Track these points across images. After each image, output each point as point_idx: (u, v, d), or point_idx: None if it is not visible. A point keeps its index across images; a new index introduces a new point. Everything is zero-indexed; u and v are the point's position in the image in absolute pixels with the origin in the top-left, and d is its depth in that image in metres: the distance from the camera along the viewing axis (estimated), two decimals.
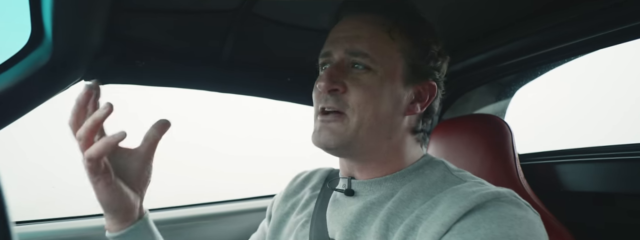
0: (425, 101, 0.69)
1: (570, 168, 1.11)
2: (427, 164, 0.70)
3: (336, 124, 0.65)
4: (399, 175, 0.68)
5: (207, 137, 2.39)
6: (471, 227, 0.53)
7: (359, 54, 0.65)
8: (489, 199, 0.56)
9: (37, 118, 0.90)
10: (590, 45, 1.02)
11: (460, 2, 0.98)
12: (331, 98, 0.65)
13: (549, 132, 1.59)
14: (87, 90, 0.64)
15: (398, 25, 0.66)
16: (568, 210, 0.97)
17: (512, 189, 0.61)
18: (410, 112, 0.68)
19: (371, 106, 0.64)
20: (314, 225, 0.72)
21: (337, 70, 0.65)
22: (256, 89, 1.27)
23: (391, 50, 0.66)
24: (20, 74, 0.84)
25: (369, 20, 0.67)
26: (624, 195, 1.03)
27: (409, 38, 0.67)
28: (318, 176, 0.84)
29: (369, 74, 0.65)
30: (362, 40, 0.65)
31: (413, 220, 0.59)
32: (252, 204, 1.55)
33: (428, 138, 1.50)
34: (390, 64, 0.65)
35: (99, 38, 0.85)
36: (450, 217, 0.55)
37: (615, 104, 1.46)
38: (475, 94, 1.53)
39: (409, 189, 0.65)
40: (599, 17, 0.92)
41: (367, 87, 0.64)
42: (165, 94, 1.15)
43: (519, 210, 0.56)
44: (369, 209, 0.66)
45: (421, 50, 0.67)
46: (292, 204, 0.82)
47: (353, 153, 0.69)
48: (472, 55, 1.21)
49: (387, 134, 0.67)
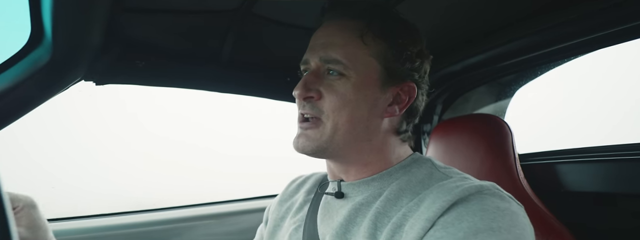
0: (404, 103, 0.69)
1: (571, 168, 1.11)
2: (415, 162, 0.71)
3: (312, 130, 0.67)
4: (386, 174, 0.69)
5: (207, 137, 2.38)
6: (454, 221, 0.54)
7: (332, 61, 0.66)
8: (472, 193, 0.57)
9: (37, 118, 0.90)
10: (590, 45, 1.02)
11: (459, 3, 0.98)
12: (307, 105, 0.68)
13: (550, 131, 1.59)
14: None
15: (371, 29, 0.67)
16: (568, 210, 0.97)
17: (512, 189, 0.62)
18: (389, 114, 0.69)
19: (345, 112, 0.66)
20: (306, 230, 0.73)
21: (312, 78, 0.68)
22: (256, 88, 1.27)
23: (364, 55, 0.67)
24: (20, 74, 0.84)
25: (343, 26, 0.68)
26: (624, 195, 1.03)
27: (383, 41, 0.67)
28: (313, 180, 0.86)
29: (342, 81, 0.66)
30: (336, 47, 0.67)
31: (400, 218, 0.60)
32: (251, 204, 1.55)
33: (428, 138, 1.50)
34: (364, 69, 0.66)
35: (99, 38, 0.84)
36: (434, 212, 0.56)
37: (615, 103, 1.46)
38: (475, 94, 1.53)
39: (396, 187, 0.66)
40: (599, 17, 0.92)
41: (341, 93, 0.66)
42: (168, 95, 1.15)
43: (502, 202, 0.57)
44: (358, 210, 0.67)
45: (397, 52, 0.68)
46: (287, 207, 0.83)
47: (333, 156, 0.70)
48: (472, 55, 1.21)
49: (366, 136, 0.68)
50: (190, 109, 2.21)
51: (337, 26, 0.69)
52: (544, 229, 0.91)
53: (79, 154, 1.88)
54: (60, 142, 1.88)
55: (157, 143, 2.16)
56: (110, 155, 2.01)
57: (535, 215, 0.94)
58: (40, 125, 1.68)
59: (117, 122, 2.10)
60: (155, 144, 2.16)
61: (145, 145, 2.13)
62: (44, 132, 1.80)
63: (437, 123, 1.53)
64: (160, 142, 2.18)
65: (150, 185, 1.97)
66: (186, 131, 2.32)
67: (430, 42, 1.19)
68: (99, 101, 1.91)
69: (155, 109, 2.17)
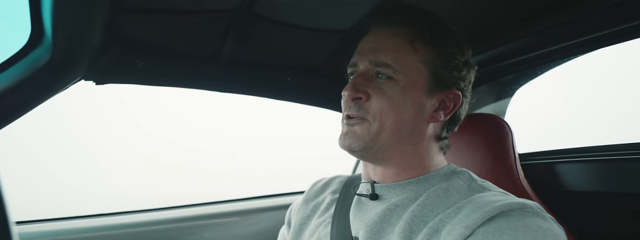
0: (449, 109, 0.71)
1: (571, 168, 1.11)
2: (453, 172, 0.71)
3: (360, 127, 0.68)
4: (423, 179, 0.70)
5: (207, 138, 2.39)
6: (495, 232, 0.54)
7: (381, 65, 0.68)
8: (514, 208, 0.57)
9: (37, 118, 0.90)
10: (590, 44, 1.02)
11: (459, 3, 0.98)
12: (354, 106, 0.69)
13: (550, 131, 1.59)
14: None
15: (421, 36, 0.69)
16: (568, 210, 0.97)
17: (512, 189, 0.62)
18: (434, 119, 0.70)
19: (392, 114, 0.67)
20: (335, 225, 0.74)
21: (361, 80, 0.69)
22: (256, 88, 1.27)
23: (413, 60, 0.68)
24: (20, 74, 0.84)
25: (393, 32, 0.70)
26: (624, 195, 1.03)
27: (432, 48, 0.69)
28: (337, 182, 0.87)
29: (391, 84, 0.68)
30: (386, 51, 0.69)
31: (437, 223, 0.60)
32: (268, 202, 1.55)
33: None
34: (413, 74, 0.68)
35: (99, 38, 0.84)
36: (474, 220, 0.56)
37: (615, 103, 1.46)
38: (475, 94, 1.52)
39: (434, 194, 0.66)
40: (598, 16, 0.92)
41: (389, 95, 0.67)
42: (169, 95, 1.15)
43: (544, 223, 0.56)
44: (393, 211, 0.67)
45: (445, 60, 0.69)
46: (313, 207, 0.84)
47: (377, 156, 0.71)
48: (472, 55, 1.21)
49: (412, 140, 0.70)
50: (191, 109, 2.21)
51: (387, 32, 0.71)
52: None
53: (80, 155, 1.88)
54: (61, 142, 1.88)
55: (157, 144, 2.16)
56: (111, 157, 2.01)
57: None
58: (41, 126, 1.68)
59: (118, 123, 2.10)
60: (155, 145, 2.16)
61: (145, 146, 2.13)
62: (44, 132, 1.80)
63: None
64: (160, 144, 2.18)
65: (150, 187, 1.97)
66: (186, 132, 2.32)
67: None
68: (99, 102, 1.92)
69: (156, 110, 2.17)
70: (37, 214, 1.26)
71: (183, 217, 1.38)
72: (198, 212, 1.42)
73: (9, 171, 0.84)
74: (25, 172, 1.72)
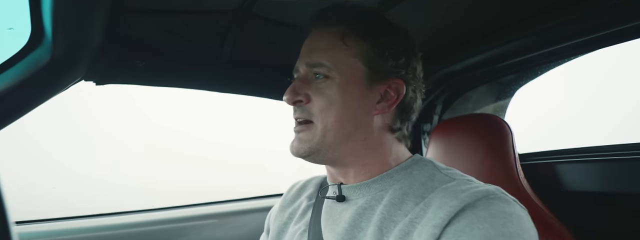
0: (393, 99, 0.70)
1: (571, 168, 1.11)
2: (416, 163, 0.71)
3: (304, 133, 0.70)
4: (387, 175, 0.69)
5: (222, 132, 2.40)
6: (466, 229, 0.55)
7: (316, 65, 0.69)
8: (479, 198, 0.58)
9: (37, 118, 0.90)
10: (589, 45, 1.02)
11: (459, 3, 0.98)
12: (298, 109, 0.71)
13: (550, 131, 1.59)
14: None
15: (351, 31, 0.69)
16: (568, 210, 0.97)
17: (512, 189, 0.62)
18: (379, 111, 0.70)
19: (333, 112, 0.68)
20: (311, 234, 0.73)
21: (300, 83, 0.71)
22: (256, 88, 1.27)
23: (346, 56, 0.69)
24: (20, 74, 0.84)
25: (325, 32, 0.71)
26: (624, 195, 1.03)
27: (364, 42, 0.69)
28: (313, 184, 0.86)
29: (328, 82, 0.68)
30: (319, 51, 0.70)
31: (407, 225, 0.60)
32: (256, 203, 1.55)
33: (428, 138, 1.50)
34: (348, 70, 0.68)
35: (99, 38, 0.84)
36: (442, 218, 0.56)
37: (615, 103, 1.46)
38: (475, 94, 1.53)
39: (399, 190, 0.66)
40: (598, 16, 0.92)
41: (328, 94, 0.68)
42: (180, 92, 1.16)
43: (508, 207, 0.58)
44: (361, 215, 0.67)
45: (379, 50, 0.69)
46: (290, 213, 0.83)
47: (328, 158, 0.71)
48: (472, 55, 1.21)
49: (358, 135, 0.69)
50: (205, 106, 2.22)
51: (320, 32, 0.72)
52: (544, 229, 0.91)
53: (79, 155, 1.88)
54: (61, 142, 1.89)
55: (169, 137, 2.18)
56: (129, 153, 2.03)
57: (535, 215, 0.93)
58: (40, 125, 1.69)
59: (133, 121, 2.12)
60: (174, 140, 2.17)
61: (157, 138, 2.14)
62: (44, 131, 1.80)
63: (437, 123, 1.53)
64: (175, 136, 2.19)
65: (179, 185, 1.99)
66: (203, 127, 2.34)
67: (431, 42, 1.20)
68: (112, 100, 1.93)
69: (166, 105, 2.18)
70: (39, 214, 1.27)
71: (171, 218, 1.38)
72: (186, 214, 1.42)
73: (10, 171, 0.84)
74: (24, 172, 1.72)
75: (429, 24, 1.09)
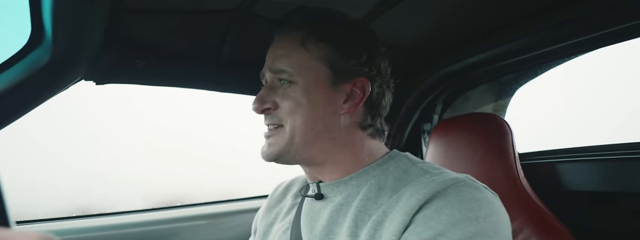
0: (359, 98, 0.71)
1: (571, 167, 1.11)
2: (391, 159, 0.72)
3: (273, 138, 0.71)
4: (363, 172, 0.70)
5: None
6: (433, 215, 0.56)
7: (279, 71, 0.71)
8: (448, 185, 0.59)
9: (37, 118, 0.90)
10: (589, 44, 1.02)
11: (459, 3, 0.98)
12: (267, 116, 0.72)
13: (550, 131, 1.59)
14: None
15: (311, 34, 0.70)
16: (568, 210, 0.97)
17: (512, 189, 0.62)
18: (346, 110, 0.71)
19: (299, 114, 0.69)
20: (293, 233, 0.74)
21: (267, 90, 0.72)
22: (256, 88, 1.26)
23: (307, 60, 0.70)
24: (20, 74, 0.84)
25: (286, 38, 0.73)
26: (624, 194, 1.03)
27: (324, 44, 0.70)
28: (298, 184, 0.88)
29: (292, 87, 0.70)
30: (281, 57, 0.71)
31: (380, 215, 0.61)
32: (248, 204, 1.56)
33: (428, 138, 1.50)
34: (310, 74, 0.70)
35: (99, 38, 0.84)
36: (411, 206, 0.58)
37: (615, 103, 1.46)
38: (475, 93, 1.53)
39: (375, 185, 0.67)
40: (597, 16, 0.92)
41: (293, 98, 0.69)
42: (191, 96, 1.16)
43: (478, 193, 0.59)
44: (339, 210, 0.68)
45: (339, 51, 0.70)
46: (276, 213, 0.85)
47: (298, 158, 0.72)
48: (471, 54, 1.21)
49: (327, 135, 0.70)
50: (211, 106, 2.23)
51: (282, 38, 0.74)
52: (544, 228, 0.91)
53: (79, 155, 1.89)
54: (61, 142, 1.89)
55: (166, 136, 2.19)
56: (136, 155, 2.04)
57: (535, 215, 0.94)
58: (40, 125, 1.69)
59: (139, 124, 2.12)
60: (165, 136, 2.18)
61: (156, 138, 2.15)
62: (44, 131, 1.80)
63: (437, 122, 1.53)
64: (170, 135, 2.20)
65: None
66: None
67: (431, 42, 1.20)
68: (112, 98, 1.94)
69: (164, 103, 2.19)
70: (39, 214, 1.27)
71: (164, 219, 1.38)
72: (178, 215, 1.42)
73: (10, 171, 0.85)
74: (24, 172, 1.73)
75: (428, 24, 1.09)
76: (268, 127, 0.73)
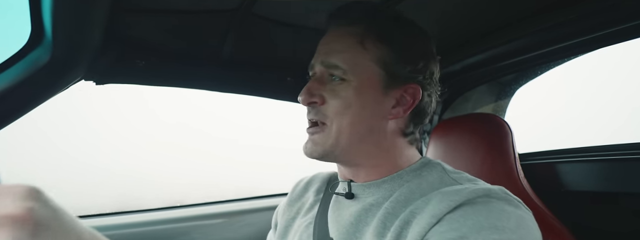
0: (409, 104, 0.69)
1: (571, 167, 1.11)
2: (425, 166, 0.71)
3: (318, 135, 0.69)
4: (397, 176, 0.70)
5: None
6: (459, 218, 0.55)
7: (332, 67, 0.68)
8: (480, 195, 0.58)
9: (37, 117, 0.90)
10: (589, 44, 1.02)
11: (458, 3, 0.98)
12: (312, 110, 0.70)
13: (550, 130, 1.59)
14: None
15: (370, 34, 0.68)
16: (568, 210, 0.97)
17: (512, 189, 0.62)
18: (394, 116, 0.69)
19: (348, 115, 0.67)
20: (317, 227, 0.74)
21: (316, 84, 0.70)
22: (256, 88, 1.27)
23: (364, 59, 0.68)
24: (20, 74, 0.84)
25: (343, 32, 0.70)
26: (625, 194, 1.03)
27: (382, 46, 0.68)
28: (320, 180, 0.87)
29: (344, 85, 0.67)
30: (336, 53, 0.69)
31: (407, 215, 0.61)
32: (260, 203, 1.55)
33: (428, 138, 1.50)
34: (365, 74, 0.67)
35: (99, 38, 0.84)
36: (440, 209, 0.57)
37: (615, 103, 1.46)
38: (475, 94, 1.53)
39: (407, 190, 0.66)
40: (597, 16, 0.92)
41: (343, 97, 0.67)
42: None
43: (509, 206, 0.57)
44: (368, 210, 0.68)
45: (397, 55, 0.68)
46: (298, 208, 0.84)
47: (340, 159, 0.71)
48: (471, 55, 1.21)
49: (373, 138, 0.69)
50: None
51: (338, 32, 0.71)
52: (544, 228, 0.90)
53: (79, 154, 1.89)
54: (60, 142, 1.89)
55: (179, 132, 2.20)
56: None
57: (535, 215, 0.93)
58: (40, 125, 1.69)
59: (137, 121, 2.13)
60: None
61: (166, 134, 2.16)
62: (43, 131, 1.80)
63: (437, 122, 1.53)
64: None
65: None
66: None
67: None
68: (118, 95, 1.95)
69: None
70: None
71: (174, 218, 1.38)
72: (189, 214, 1.42)
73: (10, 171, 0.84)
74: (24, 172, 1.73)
75: (428, 24, 1.09)
76: (311, 121, 0.71)
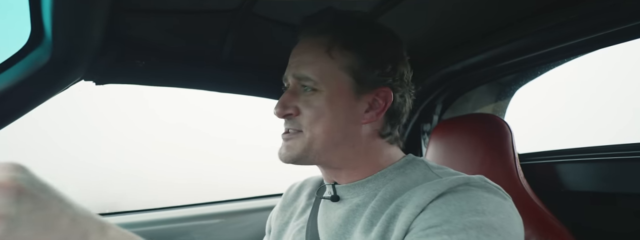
0: (381, 107, 0.71)
1: (571, 168, 1.11)
2: (408, 163, 0.72)
3: (292, 141, 0.71)
4: (380, 175, 0.71)
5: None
6: (442, 205, 0.57)
7: (303, 78, 0.70)
8: (460, 184, 0.60)
9: (37, 117, 0.90)
10: (589, 45, 1.02)
11: (458, 3, 0.98)
12: (288, 122, 0.72)
13: (550, 131, 1.59)
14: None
15: (337, 43, 0.69)
16: (568, 211, 0.97)
17: (512, 189, 0.62)
18: (368, 120, 0.71)
19: (321, 124, 0.69)
20: (309, 231, 0.75)
21: (289, 95, 0.72)
22: (256, 89, 1.27)
23: (332, 69, 0.69)
24: (20, 74, 0.84)
25: (312, 43, 0.72)
26: (624, 195, 1.03)
27: (349, 53, 0.69)
28: (312, 184, 0.88)
29: (316, 95, 0.69)
30: (306, 64, 0.70)
31: (393, 209, 0.62)
32: (259, 203, 1.55)
33: (428, 138, 1.50)
34: (335, 82, 0.69)
35: (99, 38, 0.84)
36: (424, 199, 0.59)
37: (615, 103, 1.46)
38: (475, 94, 1.53)
39: (391, 188, 0.68)
40: (598, 17, 0.92)
41: (316, 107, 0.69)
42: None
43: (488, 193, 0.60)
44: (355, 211, 0.69)
45: (364, 61, 0.69)
46: (290, 212, 0.86)
47: (317, 162, 0.73)
48: (472, 55, 1.21)
49: (348, 143, 0.70)
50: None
51: (307, 43, 0.73)
52: (544, 228, 0.91)
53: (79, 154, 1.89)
54: (60, 142, 1.89)
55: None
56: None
57: (535, 215, 0.94)
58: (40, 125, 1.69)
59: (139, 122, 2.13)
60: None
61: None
62: (43, 131, 1.80)
63: (437, 123, 1.53)
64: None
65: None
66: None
67: (431, 42, 1.20)
68: (119, 95, 1.95)
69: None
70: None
71: (174, 218, 1.38)
72: (189, 214, 1.42)
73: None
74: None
75: (429, 24, 1.09)
76: (286, 130, 0.73)
